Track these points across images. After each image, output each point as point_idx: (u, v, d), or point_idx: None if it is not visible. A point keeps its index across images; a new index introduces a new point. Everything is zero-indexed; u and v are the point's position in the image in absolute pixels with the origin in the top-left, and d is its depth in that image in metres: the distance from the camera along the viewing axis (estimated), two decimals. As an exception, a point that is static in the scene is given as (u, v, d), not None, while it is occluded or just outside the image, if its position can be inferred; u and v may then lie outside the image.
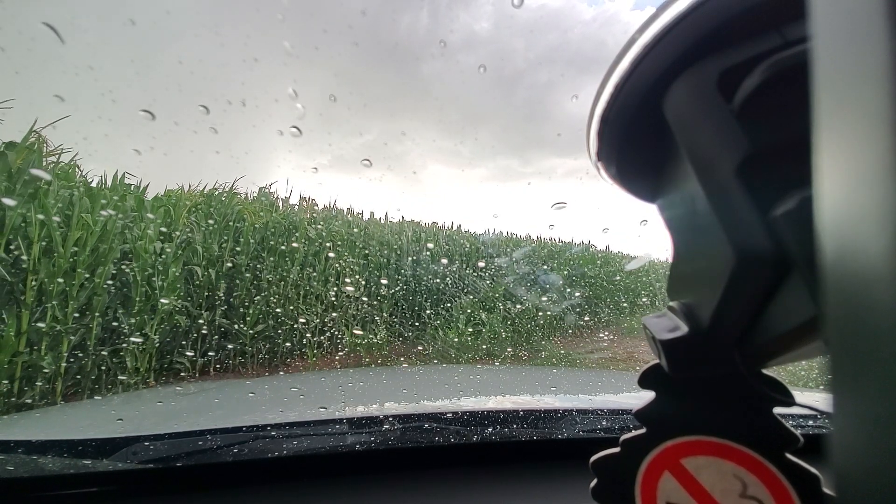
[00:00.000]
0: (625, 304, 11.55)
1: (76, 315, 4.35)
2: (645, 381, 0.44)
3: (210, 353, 5.69)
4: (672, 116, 0.34)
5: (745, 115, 0.29)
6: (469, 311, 8.09)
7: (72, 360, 4.30)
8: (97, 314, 4.46)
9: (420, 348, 7.28)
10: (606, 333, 9.60)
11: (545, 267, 10.29)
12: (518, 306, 8.60)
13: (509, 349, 7.39)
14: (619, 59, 0.35)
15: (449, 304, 8.49)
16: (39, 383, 3.95)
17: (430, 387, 1.76)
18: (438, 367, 4.07)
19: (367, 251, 8.11)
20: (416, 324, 8.14)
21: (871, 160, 0.15)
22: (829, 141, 0.17)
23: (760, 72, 0.28)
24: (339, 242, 7.68)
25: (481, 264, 9.55)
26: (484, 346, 7.27)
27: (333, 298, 7.27)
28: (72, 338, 4.25)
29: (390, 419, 1.06)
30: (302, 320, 6.60)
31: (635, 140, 0.39)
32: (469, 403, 1.36)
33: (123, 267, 4.87)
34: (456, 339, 7.18)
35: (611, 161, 0.42)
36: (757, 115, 0.29)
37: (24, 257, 4.08)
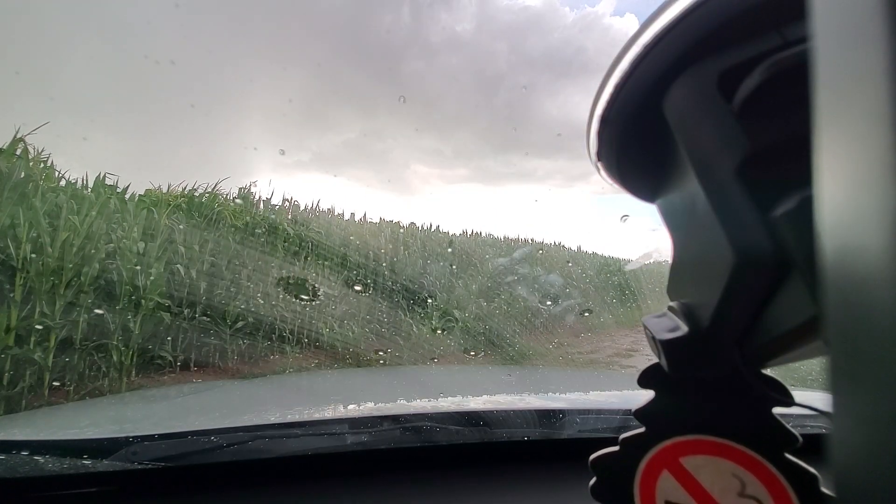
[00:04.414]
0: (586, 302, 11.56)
1: (62, 312, 4.41)
2: (645, 380, 0.44)
3: (191, 350, 5.68)
4: (672, 116, 0.34)
5: (745, 115, 0.29)
6: (443, 308, 8.12)
7: (63, 355, 4.36)
8: (83, 311, 4.50)
9: (396, 344, 7.28)
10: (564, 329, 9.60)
11: (520, 268, 10.29)
12: (490, 304, 8.63)
13: (481, 347, 7.42)
14: (619, 58, 0.35)
15: (424, 303, 8.50)
16: (28, 376, 4.02)
17: (429, 387, 1.76)
18: (438, 368, 4.05)
19: (345, 251, 8.09)
20: (392, 321, 8.14)
21: (871, 160, 0.15)
22: (829, 141, 0.17)
23: (760, 72, 0.28)
24: (319, 242, 7.68)
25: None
26: (452, 343, 7.31)
27: (312, 297, 7.26)
28: (59, 333, 4.31)
29: (390, 419, 1.05)
30: (282, 318, 6.59)
31: (635, 140, 0.39)
32: (469, 403, 1.36)
33: (108, 266, 4.89)
34: (429, 336, 7.22)
35: (611, 161, 0.41)
36: (757, 115, 0.29)
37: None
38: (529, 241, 12.29)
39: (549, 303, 9.18)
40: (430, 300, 8.45)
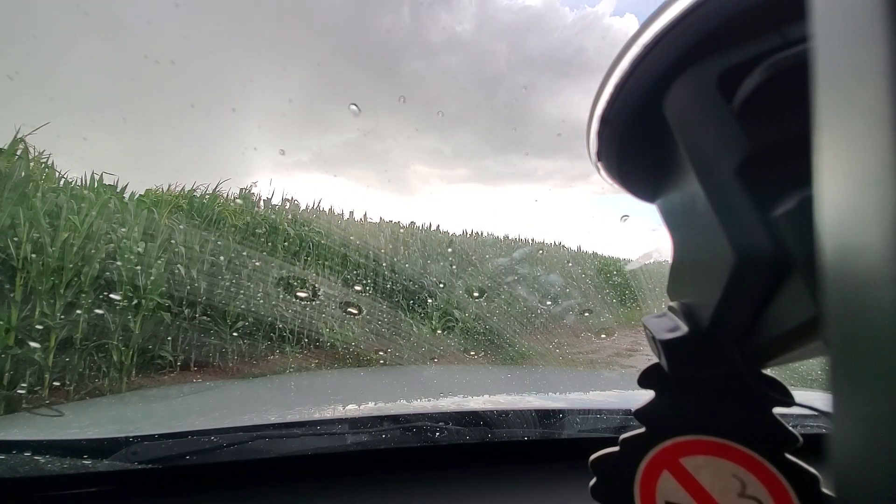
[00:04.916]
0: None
1: (63, 312, 4.42)
2: (645, 380, 0.44)
3: (191, 350, 5.68)
4: (672, 116, 0.34)
5: (745, 115, 0.29)
6: (443, 308, 8.13)
7: (63, 355, 4.37)
8: (83, 311, 4.50)
9: (396, 344, 7.29)
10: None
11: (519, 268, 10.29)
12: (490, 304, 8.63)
13: (481, 347, 7.43)
14: (619, 58, 0.35)
15: (424, 303, 8.50)
16: (28, 376, 4.03)
17: (429, 387, 1.76)
18: (438, 368, 4.04)
19: (345, 251, 8.09)
20: (392, 321, 8.14)
21: (871, 160, 0.15)
22: (829, 141, 0.17)
23: (760, 72, 0.28)
24: (319, 242, 7.70)
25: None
26: (452, 343, 7.34)
27: (312, 297, 7.26)
28: (59, 333, 4.31)
29: (390, 419, 1.05)
30: (282, 318, 6.58)
31: (635, 140, 0.39)
32: (469, 403, 1.36)
33: (108, 266, 4.90)
34: (429, 336, 7.24)
35: (611, 161, 0.41)
36: (757, 115, 0.29)
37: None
38: (529, 241, 12.31)
39: (549, 303, 9.18)
40: (430, 300, 8.45)
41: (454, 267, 9.42)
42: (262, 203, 8.16)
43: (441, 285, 8.79)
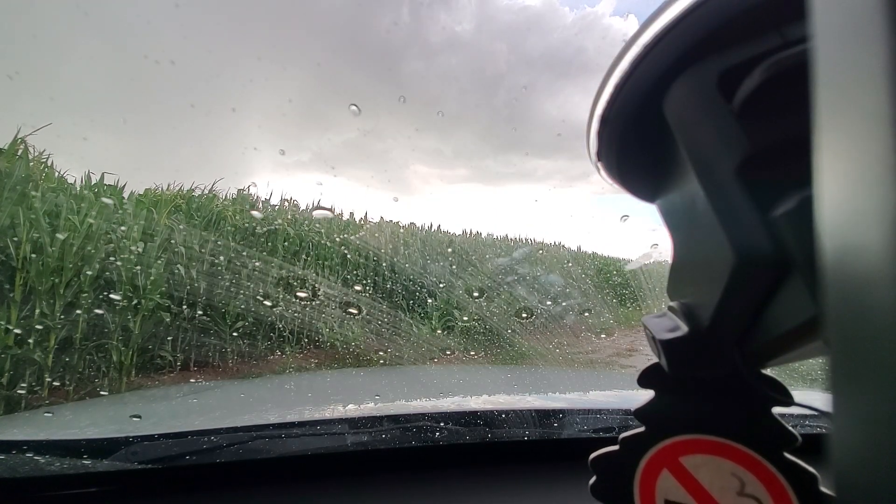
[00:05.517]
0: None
1: (62, 312, 4.42)
2: (644, 380, 0.44)
3: (191, 350, 5.68)
4: (672, 116, 0.34)
5: (745, 115, 0.29)
6: (443, 308, 8.14)
7: (63, 355, 4.36)
8: (83, 311, 4.50)
9: (396, 344, 7.29)
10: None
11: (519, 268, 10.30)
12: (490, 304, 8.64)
13: (481, 348, 7.44)
14: (619, 58, 0.35)
15: (424, 303, 8.51)
16: (28, 376, 4.03)
17: (429, 387, 1.76)
18: (438, 368, 4.05)
19: (345, 251, 8.09)
20: (392, 321, 8.14)
21: (871, 160, 0.15)
22: (829, 141, 0.17)
23: (760, 72, 0.28)
24: (319, 243, 7.71)
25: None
26: (452, 343, 7.35)
27: (312, 297, 7.26)
28: (59, 333, 4.31)
29: (390, 419, 1.06)
30: (281, 318, 6.58)
31: (635, 140, 0.39)
32: (469, 403, 1.36)
33: (108, 266, 4.90)
34: (429, 336, 7.25)
35: (611, 161, 0.41)
36: (757, 115, 0.29)
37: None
38: (529, 241, 12.32)
39: (549, 303, 9.18)
40: (430, 300, 8.45)
41: (454, 267, 9.42)
42: (260, 203, 8.15)
43: (441, 285, 8.79)
